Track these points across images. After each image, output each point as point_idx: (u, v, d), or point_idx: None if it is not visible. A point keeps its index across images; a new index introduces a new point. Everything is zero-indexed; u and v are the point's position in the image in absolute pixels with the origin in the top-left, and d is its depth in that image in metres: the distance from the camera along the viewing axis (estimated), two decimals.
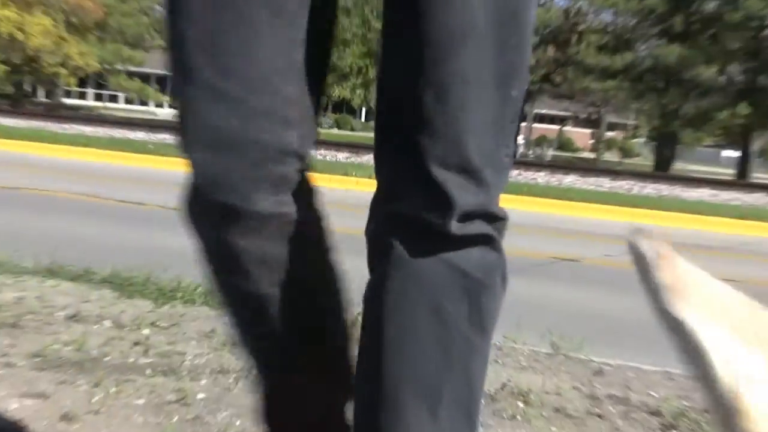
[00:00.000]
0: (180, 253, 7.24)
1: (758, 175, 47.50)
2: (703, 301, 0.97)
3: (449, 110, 2.02)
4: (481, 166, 2.05)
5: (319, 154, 23.78)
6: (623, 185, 23.62)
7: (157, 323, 4.92)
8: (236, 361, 4.37)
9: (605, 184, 23.95)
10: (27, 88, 73.20)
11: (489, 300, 2.19)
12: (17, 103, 61.45)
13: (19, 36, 57.17)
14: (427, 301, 2.17)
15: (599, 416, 4.13)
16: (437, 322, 2.17)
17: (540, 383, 4.52)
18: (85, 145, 20.49)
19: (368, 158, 24.80)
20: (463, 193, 2.03)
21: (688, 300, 0.96)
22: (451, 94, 2.01)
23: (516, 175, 24.08)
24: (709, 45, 52.71)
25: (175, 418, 3.56)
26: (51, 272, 5.88)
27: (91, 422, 3.46)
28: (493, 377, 4.53)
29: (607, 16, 58.04)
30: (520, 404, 4.16)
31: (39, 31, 58.06)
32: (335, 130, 68.06)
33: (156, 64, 76.42)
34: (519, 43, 2.10)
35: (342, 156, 24.93)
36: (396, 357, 2.20)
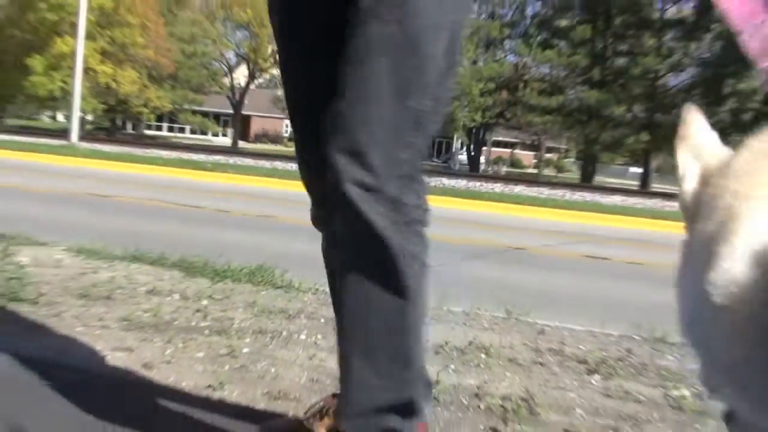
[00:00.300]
0: (229, 244, 7.23)
1: (656, 186, 47.88)
2: (692, 145, 1.18)
3: (346, 107, 2.12)
4: (368, 151, 2.09)
5: None
6: (558, 193, 23.66)
7: (213, 296, 4.90)
8: (271, 324, 4.35)
9: (545, 192, 23.99)
10: (118, 122, 73.30)
11: (402, 264, 2.19)
12: (111, 134, 61.67)
13: (113, 85, 57.31)
14: (349, 263, 2.23)
15: (541, 364, 4.10)
16: (358, 281, 2.20)
17: (498, 340, 4.49)
18: (161, 165, 20.49)
19: None
20: (349, 168, 2.09)
21: (686, 144, 1.18)
22: (348, 95, 2.12)
23: (479, 186, 24.07)
24: (619, 91, 53.21)
25: (226, 367, 3.53)
26: (135, 258, 5.86)
27: (164, 369, 3.44)
28: (463, 336, 4.50)
29: (545, 69, 58.20)
30: (483, 356, 4.13)
31: (128, 81, 58.18)
32: None
33: (212, 104, 76.49)
34: (419, 66, 2.15)
35: None
36: (340, 310, 2.32)
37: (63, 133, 31.90)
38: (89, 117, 62.52)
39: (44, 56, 55.01)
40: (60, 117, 76.33)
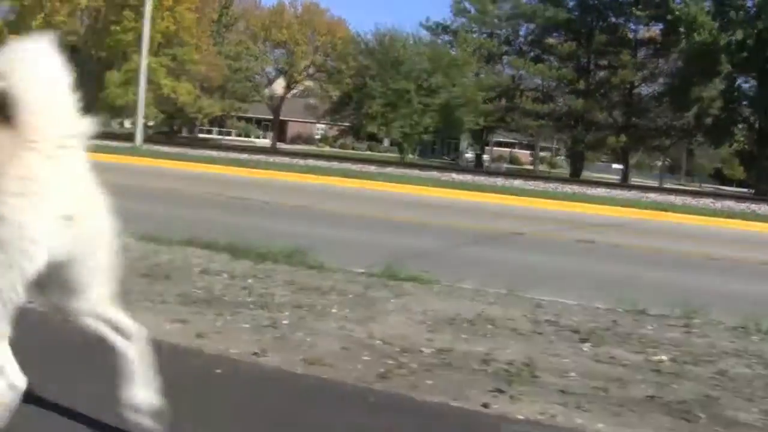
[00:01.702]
0: (270, 231, 7.20)
1: (634, 180, 47.88)
2: None
3: None
4: None
5: (358, 167, 23.74)
6: (551, 186, 23.51)
7: (257, 275, 4.87)
8: (307, 299, 4.31)
9: (540, 185, 23.85)
10: (176, 127, 73.63)
11: None
12: (170, 138, 61.94)
13: (172, 95, 57.66)
14: None
15: (540, 334, 4.06)
16: None
17: (501, 313, 4.44)
18: (211, 162, 20.52)
19: (390, 169, 24.73)
20: None
21: None
22: None
23: (483, 180, 23.99)
24: (600, 99, 53.34)
25: (268, 336, 3.50)
26: (189, 243, 5.84)
27: (215, 338, 3.41)
28: (472, 309, 4.45)
29: (537, 80, 58.12)
30: (489, 326, 4.08)
31: (184, 92, 58.47)
32: (368, 152, 68.09)
33: (255, 111, 76.70)
34: None
35: (372, 168, 24.83)
36: None
37: (129, 137, 31.97)
38: (151, 123, 62.81)
39: (120, 72, 55.57)
40: (127, 124, 76.67)
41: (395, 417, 2.69)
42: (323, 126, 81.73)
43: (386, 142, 71.35)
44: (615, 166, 61.71)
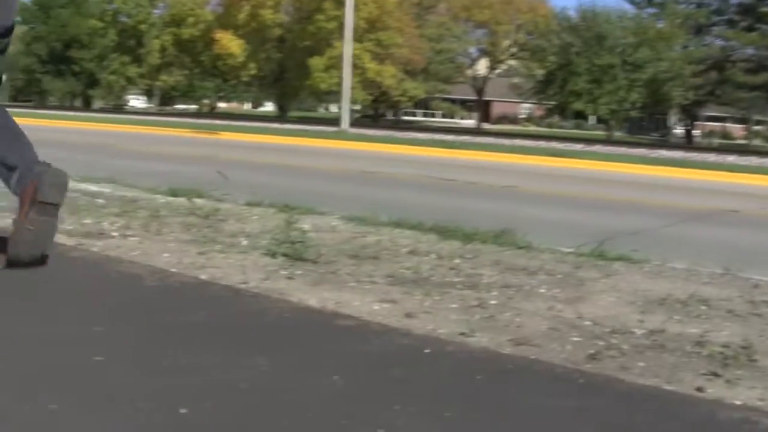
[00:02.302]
0: (477, 211, 7.21)
1: None
2: None
3: None
4: None
5: (564, 146, 23.41)
6: (767, 161, 22.46)
7: (464, 255, 4.87)
8: (515, 279, 4.29)
9: (755, 160, 22.84)
10: (381, 111, 74.82)
11: None
12: (375, 120, 63.07)
13: (378, 79, 58.68)
14: None
15: (758, 315, 3.87)
16: None
17: (716, 293, 4.26)
18: (416, 144, 20.73)
19: (597, 147, 24.25)
20: None
21: None
22: None
23: (694, 156, 23.15)
24: None
25: (477, 317, 3.49)
26: (397, 224, 5.91)
27: (423, 318, 3.43)
28: (684, 289, 4.29)
29: (750, 50, 55.46)
30: (703, 307, 3.93)
31: (389, 75, 59.51)
32: (574, 130, 67.02)
33: (458, 92, 77.01)
34: None
35: (579, 146, 24.38)
36: None
37: (335, 121, 32.74)
38: (357, 107, 64.12)
39: (323, 58, 57.12)
40: (333, 108, 78.57)
41: (605, 399, 2.63)
42: (528, 105, 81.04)
43: (592, 120, 70.00)
44: None
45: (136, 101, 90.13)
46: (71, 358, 2.68)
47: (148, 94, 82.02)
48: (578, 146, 24.19)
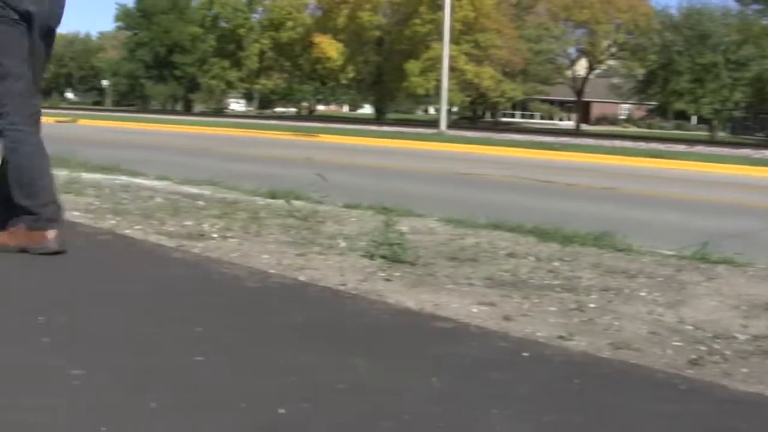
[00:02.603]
0: (577, 213, 7.14)
1: None
2: None
3: None
4: None
5: (665, 147, 23.00)
6: None
7: (563, 258, 4.83)
8: (614, 282, 4.23)
9: None
10: (479, 112, 74.63)
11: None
12: (473, 122, 62.97)
13: (476, 81, 58.54)
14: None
15: None
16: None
17: None
18: (514, 146, 20.63)
19: (699, 148, 23.77)
20: None
21: None
22: None
23: None
24: None
25: (575, 320, 3.46)
26: (496, 226, 5.88)
27: (521, 321, 3.42)
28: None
29: None
30: None
31: (487, 76, 59.32)
32: (676, 131, 65.80)
33: (557, 93, 76.35)
34: None
35: (681, 147, 23.89)
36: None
37: (433, 123, 32.74)
38: (455, 109, 64.07)
39: (419, 61, 57.27)
40: (431, 110, 78.70)
41: (708, 406, 2.58)
42: (628, 106, 79.83)
43: (694, 120, 68.61)
44: None
45: (236, 105, 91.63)
46: (172, 358, 2.74)
47: (248, 97, 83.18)
48: (680, 147, 23.73)
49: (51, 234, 4.20)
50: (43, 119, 4.49)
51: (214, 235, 5.12)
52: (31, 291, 3.58)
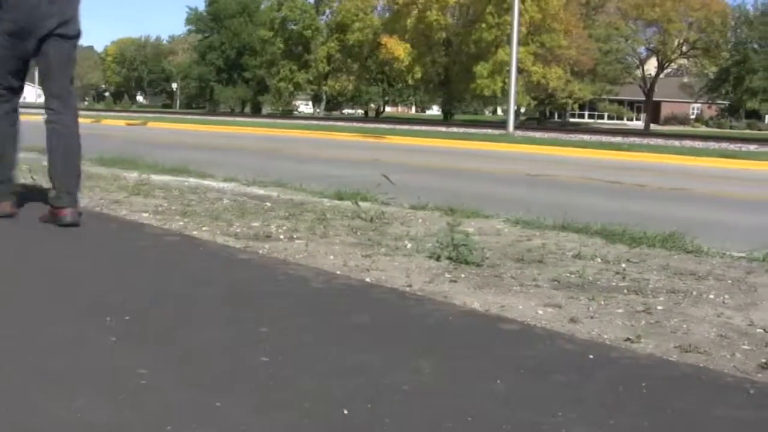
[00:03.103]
0: (644, 214, 7.05)
1: None
2: None
3: None
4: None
5: (736, 147, 22.59)
6: None
7: (630, 260, 4.78)
8: (682, 284, 4.18)
9: None
10: (546, 113, 74.22)
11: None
12: (541, 123, 62.65)
13: (543, 82, 58.22)
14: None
15: None
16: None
17: None
18: (583, 147, 20.46)
19: (753, 147, 23.33)
20: None
21: None
22: None
23: None
24: None
25: (642, 322, 3.43)
26: (563, 227, 5.84)
27: (588, 323, 3.39)
28: None
29: None
30: None
31: (555, 77, 59.02)
32: (747, 130, 64.62)
33: (626, 93, 75.57)
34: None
35: (752, 147, 23.43)
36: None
37: (501, 124, 32.63)
38: (522, 110, 63.79)
39: (488, 64, 57.18)
40: (499, 111, 78.48)
41: None
42: (698, 105, 78.65)
43: (767, 119, 67.33)
44: None
45: (304, 107, 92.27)
46: (238, 358, 2.78)
47: (316, 99, 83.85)
48: (752, 147, 23.25)
49: (65, 212, 5.18)
50: (114, 122, 4.67)
51: (281, 237, 5.17)
52: (99, 292, 3.65)
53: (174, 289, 3.78)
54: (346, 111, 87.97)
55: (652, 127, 66.40)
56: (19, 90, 5.47)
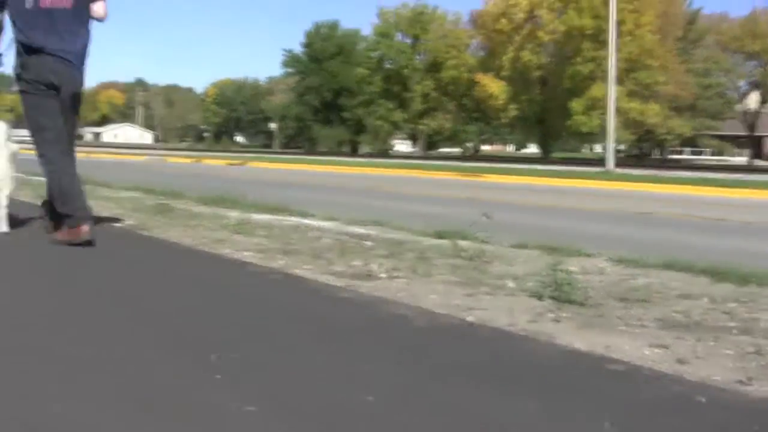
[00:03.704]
0: (753, 252, 6.86)
1: None
2: None
3: None
4: None
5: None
6: None
7: (739, 299, 4.65)
8: None
9: None
10: (645, 150, 73.23)
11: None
12: (640, 160, 61.85)
13: (640, 118, 57.45)
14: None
15: None
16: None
17: None
18: (683, 183, 20.13)
19: None
20: None
21: None
22: None
23: None
24: None
25: (753, 364, 3.33)
26: (667, 265, 5.71)
27: (696, 364, 3.31)
28: None
29: None
30: None
31: (653, 114, 58.21)
32: None
33: (729, 128, 74.03)
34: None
35: None
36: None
37: (599, 161, 32.29)
38: (621, 147, 63.03)
39: (582, 100, 56.70)
40: (597, 148, 77.70)
41: None
42: None
43: None
44: None
45: (402, 146, 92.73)
46: (342, 396, 2.79)
47: (413, 138, 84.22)
48: None
49: (84, 229, 5.91)
50: (214, 161, 4.77)
51: (382, 275, 5.19)
52: (206, 331, 3.71)
53: (277, 327, 3.82)
54: (443, 150, 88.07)
55: (756, 162, 64.93)
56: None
